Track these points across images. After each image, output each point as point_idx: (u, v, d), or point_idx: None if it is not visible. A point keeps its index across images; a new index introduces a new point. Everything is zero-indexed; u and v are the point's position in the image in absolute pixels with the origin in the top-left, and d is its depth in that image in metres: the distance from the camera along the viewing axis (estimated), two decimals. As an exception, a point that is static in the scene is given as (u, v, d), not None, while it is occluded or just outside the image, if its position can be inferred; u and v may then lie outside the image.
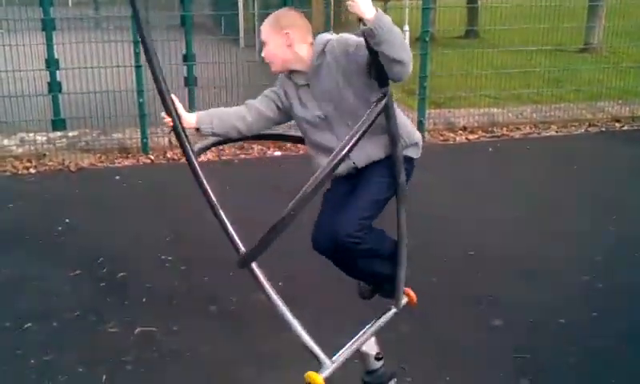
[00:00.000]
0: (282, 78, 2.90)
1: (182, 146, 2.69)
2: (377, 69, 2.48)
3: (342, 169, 2.73)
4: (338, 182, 2.87)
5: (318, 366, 2.62)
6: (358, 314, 3.08)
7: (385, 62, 2.41)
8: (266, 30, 2.77)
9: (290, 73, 2.83)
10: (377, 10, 2.32)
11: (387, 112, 2.54)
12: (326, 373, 2.58)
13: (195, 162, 2.64)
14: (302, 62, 2.76)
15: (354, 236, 2.65)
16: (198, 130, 2.85)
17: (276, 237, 2.42)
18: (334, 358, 2.65)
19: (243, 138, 3.02)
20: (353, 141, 2.38)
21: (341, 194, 2.83)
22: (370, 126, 2.43)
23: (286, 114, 2.92)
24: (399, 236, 2.84)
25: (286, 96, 2.87)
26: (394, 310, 2.97)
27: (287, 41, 2.72)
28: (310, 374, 2.52)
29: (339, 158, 2.37)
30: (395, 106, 2.71)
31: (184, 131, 2.70)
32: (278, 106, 2.89)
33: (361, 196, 2.73)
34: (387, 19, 2.35)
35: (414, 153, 2.87)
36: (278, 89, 2.90)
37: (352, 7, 2.33)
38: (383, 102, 2.47)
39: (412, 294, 3.04)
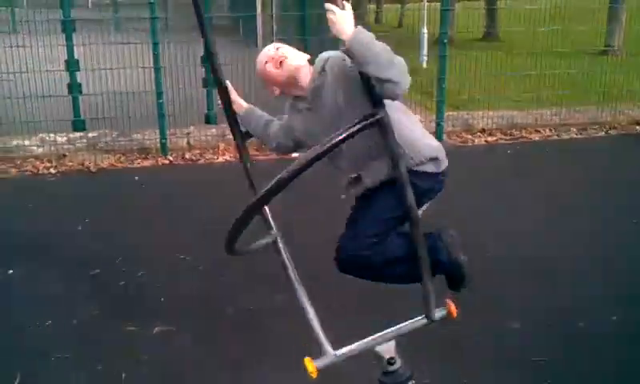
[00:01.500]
0: (286, 107, 2.82)
1: (231, 126, 2.83)
2: (368, 89, 2.31)
3: (358, 191, 2.69)
4: (359, 201, 2.76)
5: (340, 367, 2.62)
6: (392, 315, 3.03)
7: (374, 82, 2.24)
8: (261, 72, 2.72)
9: (291, 98, 2.76)
10: (355, 28, 2.21)
11: (383, 130, 2.33)
12: (322, 362, 2.55)
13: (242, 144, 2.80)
14: (303, 88, 2.65)
15: (361, 255, 2.60)
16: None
17: (245, 223, 2.38)
18: (338, 351, 2.62)
19: None
20: (319, 151, 2.23)
21: (356, 212, 2.75)
22: (344, 138, 2.23)
23: (301, 143, 2.84)
24: (418, 257, 2.58)
25: (293, 125, 2.78)
26: (424, 321, 2.79)
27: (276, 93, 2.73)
28: (306, 360, 2.51)
29: (301, 166, 2.22)
30: (409, 118, 2.65)
31: (234, 115, 2.83)
32: (292, 138, 2.83)
33: (366, 214, 2.66)
34: (365, 36, 2.21)
35: (431, 168, 2.67)
36: (288, 120, 2.82)
37: (331, 26, 2.24)
38: (369, 120, 2.27)
39: (453, 306, 2.84)
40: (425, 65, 11.03)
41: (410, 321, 2.79)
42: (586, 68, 9.39)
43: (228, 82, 2.79)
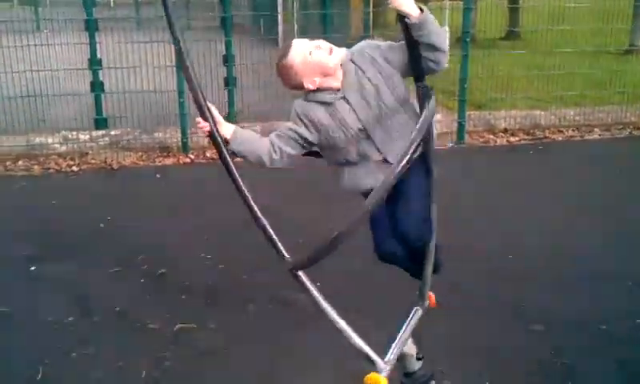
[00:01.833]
0: (300, 110, 2.79)
1: (220, 152, 2.67)
2: (415, 62, 2.57)
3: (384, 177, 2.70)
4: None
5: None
6: (382, 314, 3.02)
7: (431, 52, 2.54)
8: (285, 80, 2.81)
9: (315, 94, 2.75)
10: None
11: (424, 103, 2.56)
12: (386, 373, 2.57)
13: (232, 167, 2.62)
14: (335, 85, 2.72)
15: (422, 239, 2.72)
16: (227, 142, 2.74)
17: (330, 252, 2.37)
18: (386, 359, 2.62)
19: None
20: (412, 148, 2.34)
21: (392, 203, 2.73)
22: (426, 125, 2.45)
23: (308, 147, 2.83)
24: (430, 229, 2.77)
25: (312, 127, 2.76)
26: (420, 311, 2.89)
27: (311, 88, 2.73)
28: (374, 376, 2.50)
29: (399, 169, 2.30)
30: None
31: (221, 137, 2.67)
32: (300, 144, 2.80)
33: (413, 198, 2.72)
34: (428, 12, 2.49)
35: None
36: (297, 127, 2.78)
37: (396, 3, 2.44)
38: (432, 100, 2.51)
39: (432, 297, 2.95)
40: (447, 64, 10.94)
41: (412, 316, 2.85)
42: (609, 67, 9.27)
43: (210, 104, 2.70)
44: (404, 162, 2.31)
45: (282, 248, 2.59)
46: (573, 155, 7.24)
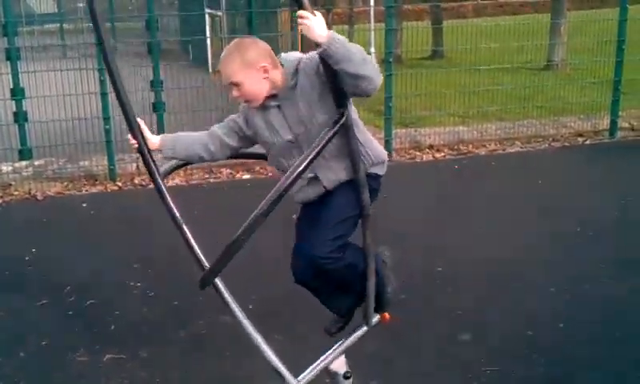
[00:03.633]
0: (243, 106, 2.79)
1: (147, 166, 2.69)
2: (334, 89, 2.43)
3: (313, 193, 2.72)
4: (310, 208, 2.79)
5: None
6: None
7: (349, 80, 2.35)
8: (235, 70, 2.58)
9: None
10: (329, 31, 2.30)
11: (347, 133, 2.51)
12: None
13: (161, 182, 2.65)
14: (276, 87, 2.64)
15: (327, 257, 2.62)
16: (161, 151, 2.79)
17: (229, 258, 2.44)
18: (299, 377, 2.65)
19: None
20: (305, 163, 2.37)
21: (312, 218, 2.75)
22: (322, 147, 2.41)
23: (248, 141, 2.84)
24: (365, 255, 2.78)
25: (248, 124, 2.77)
26: (364, 328, 2.93)
27: (264, 74, 2.59)
28: None
29: (290, 180, 2.36)
30: (361, 124, 2.72)
31: (150, 153, 2.69)
32: (239, 135, 2.81)
33: (327, 217, 2.69)
34: (340, 37, 2.32)
35: (380, 170, 2.83)
36: (238, 117, 2.81)
37: (305, 30, 2.30)
38: (340, 123, 2.44)
39: (386, 315, 3.01)
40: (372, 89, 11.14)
41: (354, 335, 2.89)
42: (528, 83, 9.65)
43: (139, 120, 2.70)
44: (295, 173, 2.37)
45: (205, 263, 2.59)
46: (496, 168, 7.48)
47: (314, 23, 2.28)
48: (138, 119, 2.69)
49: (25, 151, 7.29)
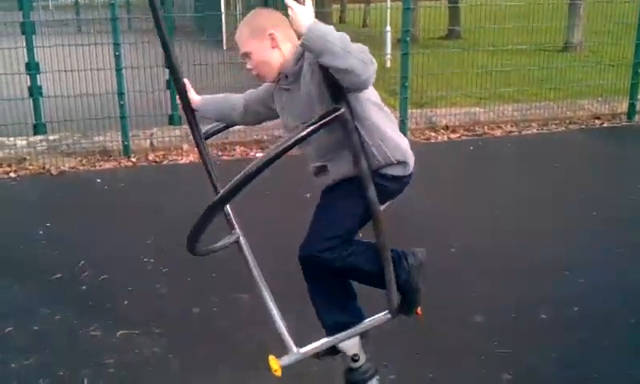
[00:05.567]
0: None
1: (190, 124, 2.78)
2: (327, 84, 2.26)
3: (321, 183, 2.63)
4: (321, 198, 2.67)
5: (299, 367, 2.62)
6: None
7: (335, 73, 2.17)
8: (245, 39, 2.51)
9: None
10: (313, 21, 2.16)
11: (345, 127, 2.29)
12: (287, 360, 2.55)
13: (200, 136, 2.75)
14: (287, 65, 2.51)
15: (317, 256, 2.49)
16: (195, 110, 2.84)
17: (207, 222, 2.37)
18: (302, 349, 2.62)
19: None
20: (278, 150, 2.20)
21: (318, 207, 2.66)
22: (309, 132, 2.23)
23: (274, 112, 2.76)
24: (381, 258, 2.56)
25: (273, 98, 2.71)
26: (387, 317, 2.77)
27: (272, 42, 2.48)
28: (270, 358, 2.50)
29: (265, 161, 2.21)
30: (381, 114, 2.53)
31: (193, 112, 2.79)
32: (266, 105, 2.76)
33: (323, 214, 2.58)
34: (320, 28, 2.16)
35: (398, 170, 2.58)
36: (269, 86, 2.73)
37: (292, 23, 2.21)
38: (333, 115, 2.23)
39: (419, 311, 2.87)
40: (388, 63, 11.10)
41: (373, 317, 2.79)
42: (546, 64, 9.53)
43: (186, 80, 2.77)
44: (293, 139, 2.20)
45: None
46: (511, 150, 7.41)
47: (299, 13, 2.17)
48: (185, 80, 2.77)
49: (39, 126, 7.32)
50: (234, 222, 2.82)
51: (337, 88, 2.24)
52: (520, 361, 3.34)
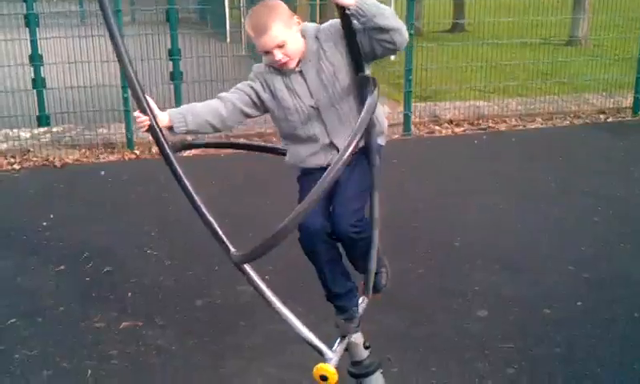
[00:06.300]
0: (259, 70, 2.76)
1: (160, 145, 2.62)
2: (354, 55, 2.56)
3: (325, 159, 2.70)
4: (315, 177, 2.62)
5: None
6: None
7: (381, 35, 2.47)
8: (280, 30, 2.57)
9: None
10: None
11: (374, 89, 2.54)
12: (334, 362, 2.57)
13: (174, 162, 2.58)
14: (308, 45, 2.68)
15: (355, 227, 2.63)
16: (170, 128, 2.70)
17: (275, 245, 2.32)
18: (334, 348, 2.63)
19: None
20: (356, 139, 2.29)
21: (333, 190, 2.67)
22: (376, 98, 2.47)
23: (259, 109, 2.79)
24: (372, 221, 2.74)
25: (265, 88, 2.73)
26: (365, 300, 2.87)
27: (298, 27, 2.66)
28: (323, 366, 2.51)
29: (344, 158, 2.25)
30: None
31: (161, 131, 2.62)
32: (253, 101, 2.76)
33: (350, 188, 2.66)
34: None
35: (383, 140, 2.88)
36: (253, 83, 2.76)
37: None
38: (375, 92, 2.49)
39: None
40: (392, 57, 11.06)
41: (359, 306, 2.83)
42: (550, 58, 9.50)
43: (148, 97, 2.62)
44: (349, 150, 2.26)
45: (227, 241, 2.54)
46: (516, 144, 7.39)
47: None
48: (147, 96, 2.61)
49: (43, 117, 7.31)
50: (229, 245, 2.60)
51: (360, 59, 2.57)
52: (524, 355, 3.34)
